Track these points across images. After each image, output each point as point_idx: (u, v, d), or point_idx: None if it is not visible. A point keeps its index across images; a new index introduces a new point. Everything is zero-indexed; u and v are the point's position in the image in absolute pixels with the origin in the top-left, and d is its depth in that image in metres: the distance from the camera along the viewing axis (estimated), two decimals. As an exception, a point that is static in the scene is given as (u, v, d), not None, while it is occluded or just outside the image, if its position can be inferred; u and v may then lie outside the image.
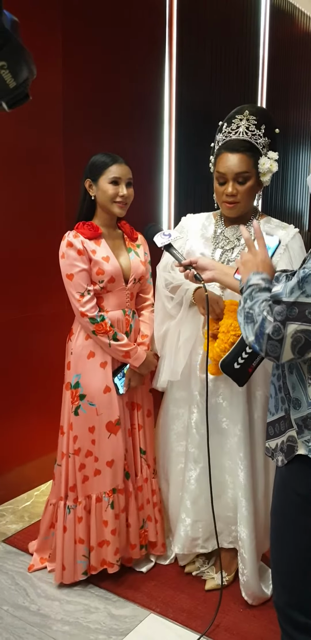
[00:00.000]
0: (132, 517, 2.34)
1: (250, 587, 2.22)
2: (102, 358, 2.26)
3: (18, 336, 2.99)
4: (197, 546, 2.33)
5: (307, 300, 1.29)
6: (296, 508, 1.49)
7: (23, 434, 3.05)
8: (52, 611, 2.21)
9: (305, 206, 6.14)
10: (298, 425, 1.45)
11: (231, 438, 2.20)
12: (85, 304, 2.18)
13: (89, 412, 2.25)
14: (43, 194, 3.00)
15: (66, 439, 2.30)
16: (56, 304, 3.07)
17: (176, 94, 3.83)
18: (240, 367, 1.91)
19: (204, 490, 2.22)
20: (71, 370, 2.29)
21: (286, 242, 2.10)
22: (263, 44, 4.88)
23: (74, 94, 3.08)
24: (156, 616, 2.20)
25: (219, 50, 4.25)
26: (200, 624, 2.14)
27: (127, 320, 2.31)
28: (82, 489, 2.28)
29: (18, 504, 2.98)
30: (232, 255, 2.13)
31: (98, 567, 2.30)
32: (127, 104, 3.47)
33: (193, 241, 2.24)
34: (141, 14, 3.52)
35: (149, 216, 3.69)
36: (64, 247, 2.20)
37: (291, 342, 1.31)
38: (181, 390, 2.32)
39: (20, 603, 2.25)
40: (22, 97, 0.89)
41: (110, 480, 2.27)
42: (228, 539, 2.30)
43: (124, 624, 2.15)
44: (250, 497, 2.17)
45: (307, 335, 1.30)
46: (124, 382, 2.29)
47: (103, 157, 2.22)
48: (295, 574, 1.51)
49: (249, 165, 2.07)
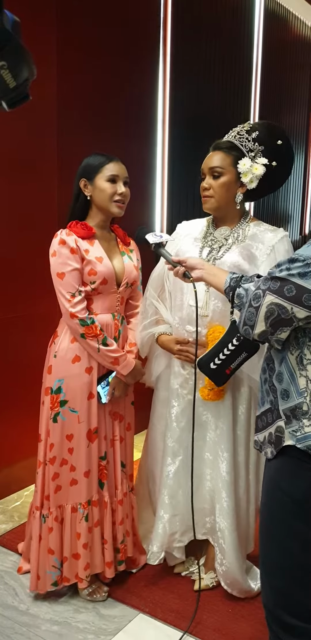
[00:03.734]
0: (107, 532, 2.25)
1: (230, 576, 2.24)
2: (88, 363, 2.17)
3: (8, 336, 2.98)
4: (174, 541, 2.33)
5: (289, 278, 1.40)
6: (286, 511, 1.50)
7: (13, 434, 3.04)
8: (41, 611, 2.21)
9: (297, 210, 6.18)
10: (287, 416, 1.47)
11: (212, 431, 2.23)
12: (76, 305, 2.10)
13: (69, 419, 2.17)
14: (35, 195, 3.00)
15: (43, 446, 2.22)
16: (46, 304, 3.06)
17: (170, 96, 3.84)
18: (217, 368, 1.93)
19: (183, 484, 2.25)
20: (53, 375, 2.19)
21: (272, 244, 2.14)
22: (256, 47, 4.90)
23: (68, 96, 3.08)
24: (145, 616, 2.20)
25: (213, 54, 4.27)
26: (188, 624, 2.15)
27: (116, 325, 2.24)
28: (54, 499, 2.20)
29: (8, 504, 2.98)
30: (218, 254, 2.17)
31: (72, 578, 2.23)
32: (122, 107, 3.47)
33: (183, 243, 2.28)
34: (136, 16, 3.52)
35: (141, 219, 3.69)
36: (56, 245, 2.12)
37: (265, 311, 1.43)
38: (165, 390, 2.36)
39: (9, 603, 2.24)
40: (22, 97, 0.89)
41: (86, 492, 2.20)
42: (201, 530, 2.32)
43: (112, 624, 2.16)
44: (231, 489, 2.20)
45: (280, 309, 1.41)
46: (107, 391, 2.21)
47: (99, 157, 2.18)
48: (284, 577, 1.52)
49: (224, 162, 2.16)
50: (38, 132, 2.96)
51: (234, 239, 2.18)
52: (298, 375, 1.46)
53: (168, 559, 2.44)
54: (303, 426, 1.44)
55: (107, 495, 2.26)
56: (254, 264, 2.10)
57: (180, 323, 2.22)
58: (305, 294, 1.38)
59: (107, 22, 3.29)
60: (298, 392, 1.45)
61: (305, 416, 1.44)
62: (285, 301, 1.40)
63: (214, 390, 2.11)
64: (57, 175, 3.06)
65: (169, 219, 3.94)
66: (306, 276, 1.38)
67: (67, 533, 2.21)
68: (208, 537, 2.34)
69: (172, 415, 2.28)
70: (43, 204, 3.04)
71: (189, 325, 2.17)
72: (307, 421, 1.44)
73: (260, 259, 2.11)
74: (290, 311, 1.40)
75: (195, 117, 4.11)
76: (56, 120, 3.03)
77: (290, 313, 1.40)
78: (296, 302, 1.39)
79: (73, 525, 2.22)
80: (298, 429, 1.45)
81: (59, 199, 3.06)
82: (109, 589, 2.30)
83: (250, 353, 1.90)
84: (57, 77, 3.01)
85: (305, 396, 1.45)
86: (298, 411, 1.45)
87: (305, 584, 1.51)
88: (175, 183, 3.99)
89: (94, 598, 2.26)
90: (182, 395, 2.25)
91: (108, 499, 2.26)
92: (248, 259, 2.10)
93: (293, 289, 1.39)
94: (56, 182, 3.07)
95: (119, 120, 3.46)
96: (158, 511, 2.32)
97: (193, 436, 2.07)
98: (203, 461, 2.26)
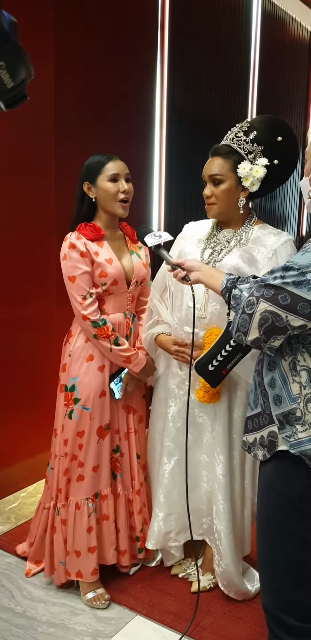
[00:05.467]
0: (121, 522, 2.31)
1: (226, 577, 2.24)
2: (101, 362, 2.23)
3: (6, 337, 2.97)
4: (170, 540, 2.34)
5: (283, 286, 1.40)
6: (282, 513, 1.50)
7: (10, 435, 3.03)
8: (37, 613, 2.20)
9: (294, 212, 6.19)
10: (280, 421, 1.47)
11: (209, 433, 2.23)
12: (87, 307, 2.15)
13: (80, 416, 2.22)
14: (33, 196, 2.99)
15: (58, 441, 2.29)
16: (44, 304, 3.07)
17: (168, 97, 3.84)
18: (215, 369, 1.94)
19: (178, 483, 2.26)
20: (67, 373, 2.25)
21: (275, 248, 2.12)
22: (254, 49, 4.91)
23: (66, 96, 3.08)
24: (142, 618, 2.20)
25: (210, 55, 4.27)
26: (186, 626, 2.14)
27: (128, 323, 2.29)
28: (64, 492, 2.26)
29: (4, 506, 2.97)
30: (218, 257, 2.16)
31: (73, 574, 2.26)
32: (119, 107, 3.47)
33: (186, 244, 2.27)
34: (134, 17, 3.52)
35: (140, 218, 3.69)
36: (66, 249, 2.15)
37: (259, 319, 1.43)
38: (163, 389, 2.37)
39: (6, 605, 2.24)
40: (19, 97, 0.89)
41: (93, 485, 2.25)
42: (198, 530, 2.32)
43: (109, 626, 2.15)
44: (227, 491, 2.20)
45: (274, 317, 1.41)
46: (120, 387, 2.28)
47: (98, 157, 2.20)
48: (283, 578, 1.53)
49: (224, 168, 2.12)
50: (36, 132, 2.96)
51: (237, 241, 2.16)
52: (291, 381, 1.46)
53: (165, 558, 2.45)
54: (297, 432, 1.45)
55: (120, 487, 2.31)
56: (255, 267, 2.08)
57: (179, 324, 2.22)
58: (300, 303, 1.38)
59: (105, 24, 3.29)
60: (290, 397, 1.46)
61: (299, 422, 1.44)
62: (279, 309, 1.40)
63: (210, 392, 2.12)
64: (55, 175, 3.06)
65: (167, 220, 3.94)
66: (301, 285, 1.38)
67: (70, 528, 2.25)
68: (205, 537, 2.34)
69: (168, 415, 2.29)
70: (41, 204, 3.03)
71: (187, 327, 2.17)
72: (301, 427, 1.44)
73: (261, 263, 2.09)
74: (285, 319, 1.40)
75: (193, 119, 4.11)
76: (53, 121, 3.03)
77: (285, 321, 1.40)
78: (291, 310, 1.39)
79: (77, 521, 2.24)
80: (292, 435, 1.45)
81: (57, 200, 3.06)
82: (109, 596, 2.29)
83: (245, 353, 1.92)
84: (54, 78, 3.00)
85: (298, 402, 1.45)
86: (291, 417, 1.45)
87: (303, 584, 1.51)
88: (173, 184, 3.99)
89: (95, 605, 2.25)
90: (179, 396, 2.26)
91: (121, 490, 2.31)
92: (249, 261, 2.08)
93: (288, 297, 1.39)
94: (54, 183, 3.06)
95: (117, 121, 3.46)
96: (154, 510, 2.35)
97: (187, 437, 2.07)
98: (199, 463, 2.26)
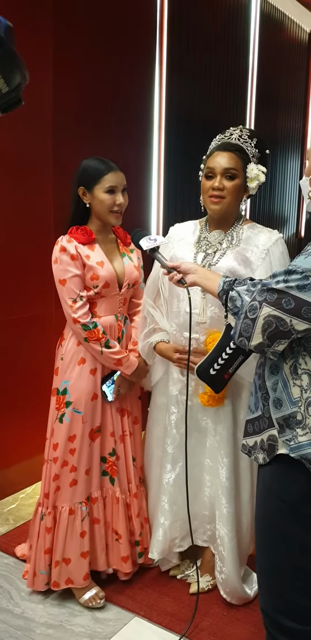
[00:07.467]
0: (121, 527, 2.29)
1: (229, 585, 2.23)
2: (93, 365, 2.22)
3: (4, 339, 2.97)
4: (174, 546, 2.34)
5: (287, 290, 1.39)
6: (281, 515, 1.50)
7: (8, 436, 3.03)
8: (36, 614, 2.20)
9: (293, 212, 6.19)
10: (280, 425, 1.47)
11: (212, 437, 2.22)
12: (77, 310, 2.15)
13: (72, 420, 2.21)
14: (31, 197, 2.99)
15: (48, 445, 2.28)
16: (42, 306, 3.07)
17: (166, 99, 3.84)
18: (216, 373, 1.90)
19: (183, 490, 2.23)
20: (59, 376, 2.25)
21: (267, 247, 2.11)
22: (252, 50, 4.92)
23: (64, 98, 3.08)
24: (140, 619, 2.20)
25: (208, 57, 4.27)
26: (184, 627, 2.14)
27: (120, 326, 2.28)
28: (52, 499, 2.23)
29: (3, 507, 2.97)
30: (213, 259, 2.14)
31: (61, 584, 2.23)
32: (117, 109, 3.47)
33: (177, 247, 2.26)
34: (132, 20, 3.53)
35: (137, 221, 3.69)
36: (57, 252, 2.16)
37: (262, 323, 1.41)
38: (162, 395, 2.35)
39: (4, 606, 2.24)
40: (15, 102, 0.89)
41: (86, 489, 2.24)
42: (202, 537, 2.32)
43: (108, 627, 2.15)
44: (232, 495, 2.19)
45: (278, 322, 1.40)
46: (113, 390, 2.27)
47: (96, 164, 2.17)
48: (281, 581, 1.53)
49: (238, 164, 2.12)
50: (34, 134, 2.96)
51: (229, 242, 2.15)
52: (292, 385, 1.46)
53: (161, 563, 2.44)
54: (297, 435, 1.45)
55: (118, 490, 2.30)
56: (250, 268, 2.08)
57: (177, 330, 2.21)
58: (304, 307, 1.37)
59: (103, 27, 3.30)
60: (291, 401, 1.45)
61: (299, 425, 1.44)
62: (283, 313, 1.39)
63: (214, 396, 2.10)
64: (53, 178, 3.06)
65: (165, 221, 3.94)
66: (305, 289, 1.37)
67: (61, 536, 2.22)
68: (209, 545, 2.33)
69: (172, 422, 2.27)
70: (39, 206, 3.04)
71: (186, 332, 2.15)
72: (301, 430, 1.44)
73: (255, 263, 2.09)
74: (289, 324, 1.39)
75: (191, 120, 4.12)
76: (51, 123, 3.03)
77: (289, 325, 1.39)
78: (295, 314, 1.38)
79: (69, 528, 2.22)
80: (292, 438, 1.45)
81: (55, 202, 3.06)
82: (105, 595, 2.29)
83: (246, 355, 1.89)
84: (53, 80, 3.01)
85: (299, 405, 1.45)
86: (291, 420, 1.45)
87: (302, 587, 1.51)
88: (171, 186, 3.99)
89: (92, 605, 2.25)
90: (182, 402, 2.22)
91: (120, 494, 2.30)
92: (244, 263, 2.09)
93: (292, 302, 1.38)
94: (52, 185, 3.06)
95: (115, 123, 3.46)
96: (158, 518, 2.31)
97: (186, 443, 2.05)
98: (203, 467, 2.25)
